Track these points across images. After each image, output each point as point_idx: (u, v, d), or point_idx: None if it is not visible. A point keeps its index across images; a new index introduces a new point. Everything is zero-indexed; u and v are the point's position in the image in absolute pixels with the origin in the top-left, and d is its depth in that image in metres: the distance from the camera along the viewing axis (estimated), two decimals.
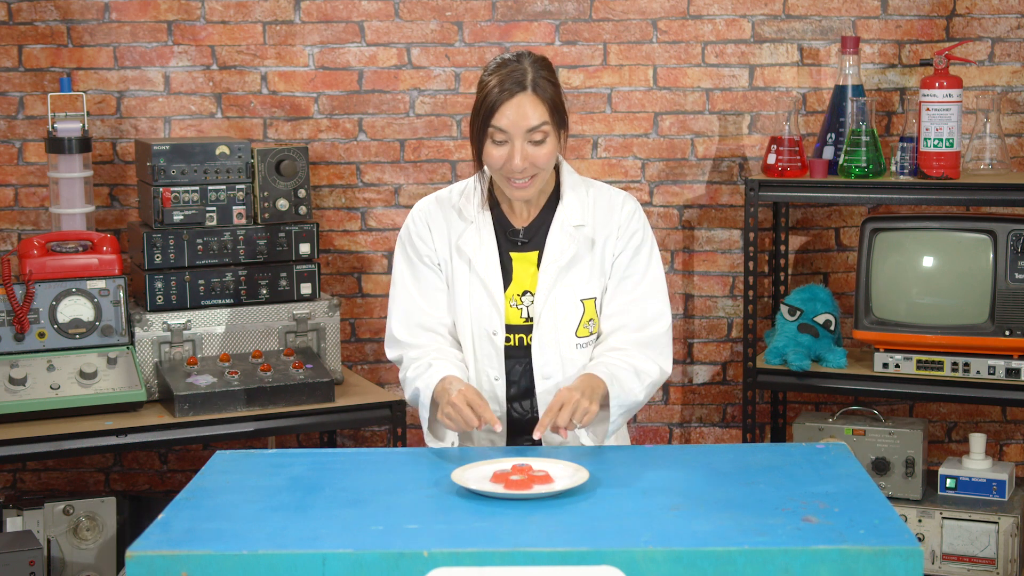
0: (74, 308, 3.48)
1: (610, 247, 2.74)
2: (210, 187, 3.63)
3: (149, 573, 2.02)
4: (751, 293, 3.91)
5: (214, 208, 3.64)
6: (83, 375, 3.40)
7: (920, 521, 3.77)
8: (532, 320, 2.72)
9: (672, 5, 4.09)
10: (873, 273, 3.81)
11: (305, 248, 3.72)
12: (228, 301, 3.64)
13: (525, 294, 2.73)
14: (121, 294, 3.52)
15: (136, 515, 3.85)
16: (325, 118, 4.10)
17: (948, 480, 3.84)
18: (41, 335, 3.45)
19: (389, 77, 4.10)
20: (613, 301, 2.75)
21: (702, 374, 4.25)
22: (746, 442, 3.95)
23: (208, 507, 2.24)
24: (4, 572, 3.34)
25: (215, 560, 2.02)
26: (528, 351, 2.72)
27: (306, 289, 3.71)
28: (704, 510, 2.17)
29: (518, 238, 2.75)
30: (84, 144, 3.73)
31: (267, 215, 3.68)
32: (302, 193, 3.71)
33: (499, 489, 2.26)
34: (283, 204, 3.68)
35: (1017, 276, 3.66)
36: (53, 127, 3.73)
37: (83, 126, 3.74)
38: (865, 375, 3.82)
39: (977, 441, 3.84)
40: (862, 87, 3.92)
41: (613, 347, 2.72)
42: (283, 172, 3.68)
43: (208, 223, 3.64)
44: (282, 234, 3.70)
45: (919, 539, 3.64)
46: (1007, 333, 3.67)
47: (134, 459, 4.15)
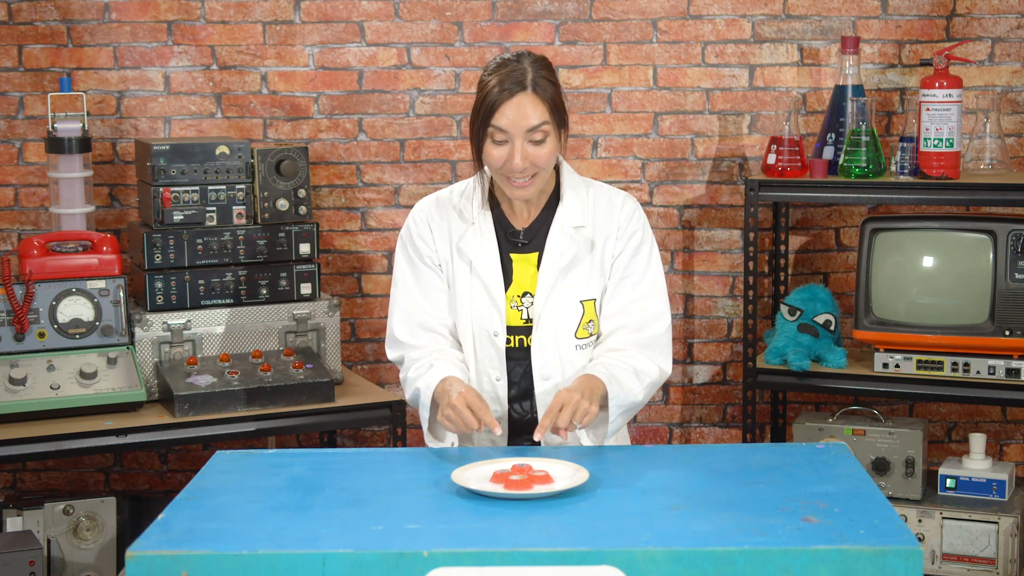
0: (74, 308, 3.48)
1: (610, 247, 2.74)
2: (210, 187, 3.63)
3: (149, 573, 2.02)
4: (751, 293, 3.91)
5: (214, 208, 3.64)
6: (83, 375, 3.40)
7: (920, 521, 3.77)
8: (532, 322, 2.72)
9: (672, 5, 4.09)
10: (873, 273, 3.81)
11: (305, 248, 3.72)
12: (228, 301, 3.64)
13: (525, 295, 2.72)
14: (121, 294, 3.51)
15: (136, 515, 3.85)
16: (325, 118, 4.10)
17: (948, 480, 3.84)
18: (41, 335, 3.45)
19: (389, 77, 4.10)
20: (612, 301, 2.74)
21: (702, 374, 4.25)
22: (746, 442, 3.95)
23: (208, 507, 2.24)
24: (4, 572, 3.34)
25: (215, 560, 2.02)
26: (528, 352, 2.72)
27: (306, 289, 3.71)
28: (704, 510, 2.17)
29: (518, 239, 2.75)
30: (84, 144, 3.73)
31: (267, 215, 3.68)
32: (302, 193, 3.71)
33: (499, 489, 2.26)
34: (283, 204, 3.68)
35: (1017, 276, 3.66)
36: (53, 127, 3.73)
37: (83, 126, 3.74)
38: (865, 375, 3.82)
39: (977, 441, 3.84)
40: (862, 87, 3.92)
41: (612, 347, 2.71)
42: (283, 172, 3.68)
43: (208, 223, 3.64)
44: (282, 234, 3.69)
45: (919, 539, 3.64)
46: (1007, 333, 3.67)
47: (134, 459, 4.15)
